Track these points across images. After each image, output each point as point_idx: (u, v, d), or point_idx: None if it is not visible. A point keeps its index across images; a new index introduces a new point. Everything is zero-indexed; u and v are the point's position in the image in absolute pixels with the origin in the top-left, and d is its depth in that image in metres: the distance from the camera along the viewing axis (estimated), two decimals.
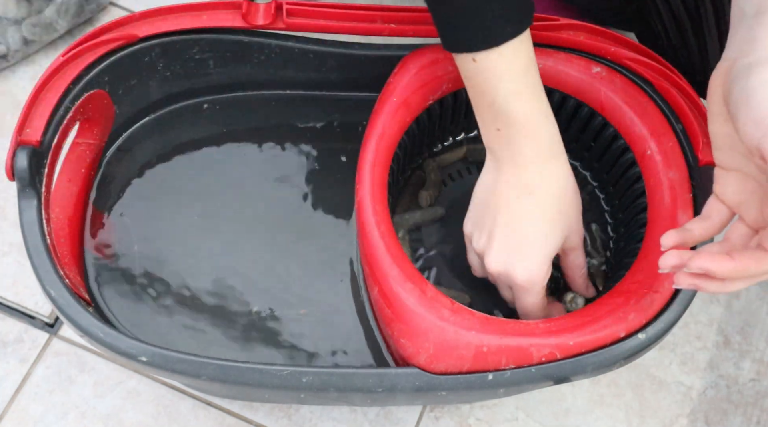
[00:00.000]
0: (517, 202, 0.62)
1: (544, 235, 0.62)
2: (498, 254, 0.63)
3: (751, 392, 0.85)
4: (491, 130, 0.62)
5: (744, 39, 0.50)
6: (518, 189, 0.62)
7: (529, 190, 0.62)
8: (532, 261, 0.62)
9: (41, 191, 0.62)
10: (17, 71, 0.94)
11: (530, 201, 0.62)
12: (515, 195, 0.62)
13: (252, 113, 0.78)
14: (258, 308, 0.71)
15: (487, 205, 0.64)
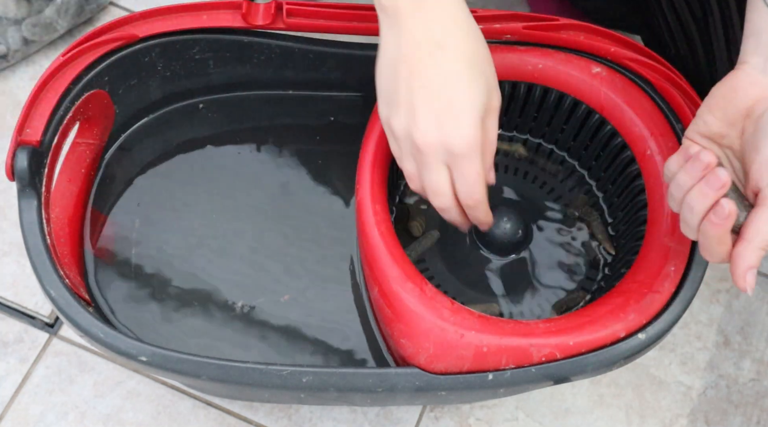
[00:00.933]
0: (430, 59, 0.55)
1: (470, 91, 0.55)
2: (426, 122, 0.55)
3: (751, 392, 0.85)
4: None
5: None
6: (427, 45, 0.55)
7: (439, 45, 0.55)
8: (466, 121, 0.55)
9: (41, 191, 0.62)
10: (17, 71, 0.94)
11: (444, 56, 0.55)
12: (426, 52, 0.55)
13: (252, 113, 0.78)
14: (258, 308, 0.71)
15: (396, 74, 0.55)
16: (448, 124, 0.55)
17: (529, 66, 0.69)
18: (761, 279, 0.90)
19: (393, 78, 0.56)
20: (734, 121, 0.54)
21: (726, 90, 0.54)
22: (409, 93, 0.55)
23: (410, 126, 0.56)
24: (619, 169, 0.70)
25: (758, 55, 0.53)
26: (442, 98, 0.55)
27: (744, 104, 0.53)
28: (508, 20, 0.68)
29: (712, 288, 0.89)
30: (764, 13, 0.53)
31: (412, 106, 0.55)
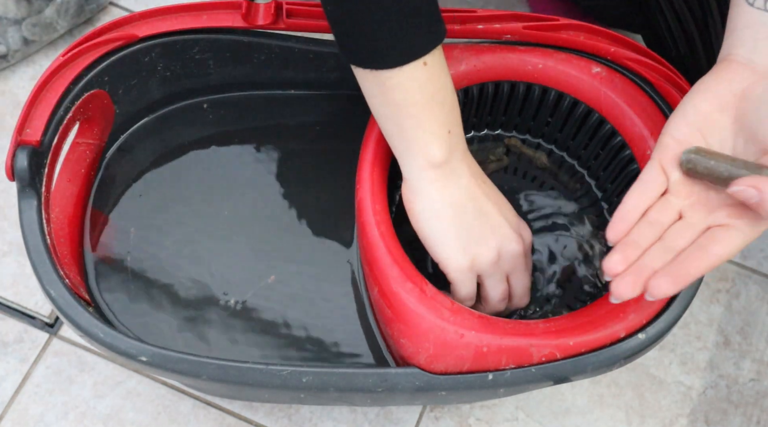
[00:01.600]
0: (487, 187, 0.63)
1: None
2: (514, 230, 0.63)
3: (751, 392, 0.85)
4: (443, 136, 0.59)
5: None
6: (480, 177, 0.63)
7: (480, 172, 0.64)
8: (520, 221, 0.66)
9: (41, 191, 0.62)
10: (17, 71, 0.94)
11: (486, 178, 0.64)
12: (482, 182, 0.63)
13: (252, 113, 0.78)
14: (258, 307, 0.71)
15: (468, 214, 0.61)
16: (522, 225, 0.65)
17: (529, 66, 0.69)
18: (761, 279, 0.90)
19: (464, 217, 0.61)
20: (726, 104, 0.55)
21: (716, 77, 0.55)
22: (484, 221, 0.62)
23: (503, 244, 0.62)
24: (619, 168, 0.70)
25: (742, 47, 0.55)
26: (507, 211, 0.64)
27: (738, 87, 0.54)
28: (508, 20, 0.68)
29: (712, 288, 0.89)
30: (745, 11, 0.55)
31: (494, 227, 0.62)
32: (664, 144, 0.55)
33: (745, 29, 0.55)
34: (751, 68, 0.54)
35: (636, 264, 0.52)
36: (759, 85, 0.54)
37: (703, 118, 0.55)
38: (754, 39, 0.55)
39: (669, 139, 0.55)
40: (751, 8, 0.55)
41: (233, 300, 0.72)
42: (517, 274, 0.65)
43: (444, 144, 0.59)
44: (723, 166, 0.52)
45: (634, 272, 0.52)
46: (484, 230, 0.62)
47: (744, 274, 0.90)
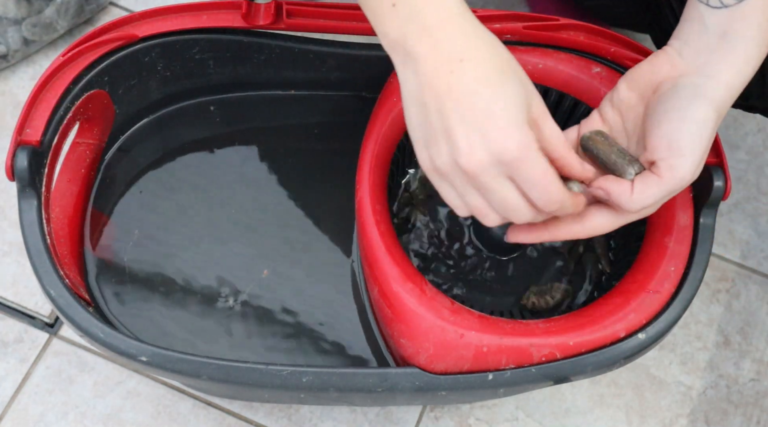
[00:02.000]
0: (453, 76, 0.50)
1: (505, 94, 0.50)
2: (467, 140, 0.50)
3: (751, 392, 0.85)
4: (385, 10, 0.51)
5: (701, 54, 0.55)
6: (447, 64, 0.50)
7: (459, 59, 0.50)
8: (510, 123, 0.49)
9: (41, 191, 0.62)
10: (17, 71, 0.94)
11: (467, 67, 0.50)
12: (447, 71, 0.50)
13: (252, 113, 0.78)
14: (258, 307, 0.71)
15: (424, 106, 0.51)
16: (491, 134, 0.49)
17: (529, 66, 0.69)
18: (761, 279, 0.90)
19: (421, 112, 0.51)
20: (644, 94, 0.57)
21: (646, 65, 0.57)
22: (442, 117, 0.50)
23: (453, 153, 0.50)
24: None
25: (678, 39, 0.57)
26: (476, 110, 0.49)
27: (656, 79, 0.56)
28: (508, 20, 0.68)
29: (712, 288, 0.89)
30: (693, 4, 0.56)
31: (450, 129, 0.50)
32: (592, 116, 0.59)
33: (687, 21, 0.57)
34: (673, 63, 0.56)
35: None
36: (667, 83, 0.56)
37: (624, 103, 0.58)
38: (689, 33, 0.56)
39: (596, 114, 0.59)
40: (697, 2, 0.56)
41: (233, 300, 0.72)
42: (485, 192, 0.52)
43: (387, 21, 0.51)
44: (604, 157, 0.56)
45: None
46: (438, 130, 0.51)
47: (744, 274, 0.90)
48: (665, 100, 0.55)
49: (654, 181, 0.53)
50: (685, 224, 0.62)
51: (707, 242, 0.62)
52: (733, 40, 0.54)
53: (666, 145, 0.53)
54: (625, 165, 0.54)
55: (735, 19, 0.54)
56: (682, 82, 0.55)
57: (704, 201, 0.62)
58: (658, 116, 0.54)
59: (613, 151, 0.55)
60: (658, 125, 0.54)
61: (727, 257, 0.90)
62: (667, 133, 0.53)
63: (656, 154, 0.53)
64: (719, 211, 0.89)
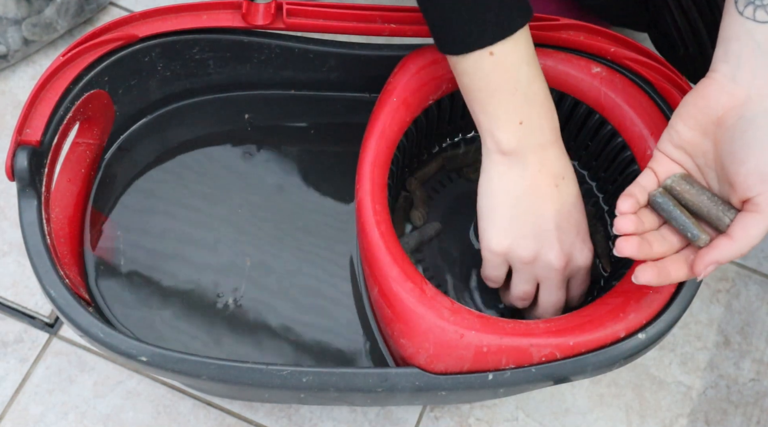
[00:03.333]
0: (556, 191, 0.62)
1: (584, 214, 0.64)
2: (561, 245, 0.62)
3: (751, 392, 0.85)
4: (511, 126, 0.60)
5: (758, 76, 0.53)
6: (553, 178, 0.62)
7: (561, 175, 0.62)
8: (588, 241, 0.64)
9: (41, 191, 0.62)
10: (17, 71, 0.94)
11: (566, 185, 0.62)
12: (552, 184, 0.62)
13: (252, 113, 0.78)
14: (258, 307, 0.71)
15: (522, 206, 0.62)
16: (578, 245, 0.63)
17: None
18: (761, 279, 0.90)
19: (516, 210, 0.61)
20: (706, 130, 0.55)
21: (697, 98, 0.55)
22: (542, 221, 0.61)
23: (544, 251, 0.62)
24: (619, 170, 0.70)
25: (726, 62, 0.54)
26: (572, 222, 0.62)
27: (715, 113, 0.54)
28: None
29: (712, 288, 0.89)
30: (735, 21, 0.53)
31: (546, 232, 0.61)
32: (657, 158, 0.58)
33: (732, 41, 0.54)
34: (729, 91, 0.54)
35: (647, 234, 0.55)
36: (733, 114, 0.53)
37: (686, 142, 0.56)
38: (739, 54, 0.53)
39: (661, 154, 0.57)
40: (740, 17, 0.53)
41: (233, 300, 0.72)
42: (547, 286, 0.64)
43: (510, 133, 0.60)
44: (696, 204, 0.54)
45: (643, 237, 0.54)
46: (531, 228, 0.62)
47: (744, 274, 0.90)
48: (739, 134, 0.52)
49: (755, 218, 0.52)
50: None
51: None
52: None
53: (759, 179, 0.51)
54: (720, 213, 0.53)
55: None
56: (750, 112, 0.53)
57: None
58: (738, 152, 0.52)
59: (705, 196, 0.54)
60: (741, 162, 0.52)
61: None
62: (757, 167, 0.51)
63: (751, 190, 0.51)
64: None
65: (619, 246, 0.54)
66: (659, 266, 0.54)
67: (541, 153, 0.61)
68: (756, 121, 0.52)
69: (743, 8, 0.53)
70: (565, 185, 0.62)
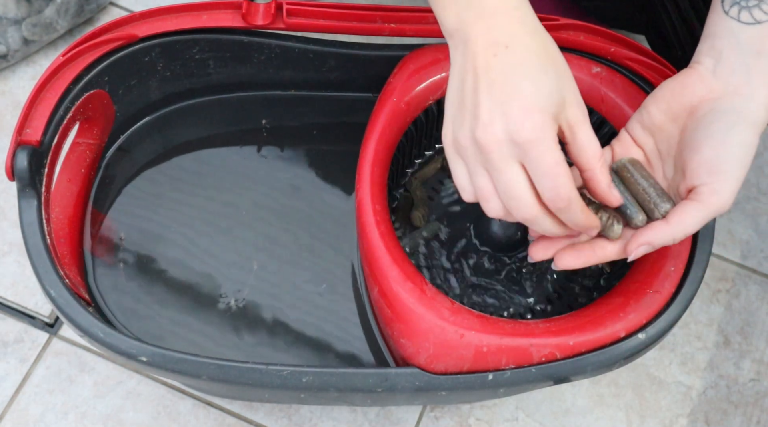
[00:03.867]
0: (495, 59, 0.51)
1: (537, 82, 0.50)
2: (489, 115, 0.50)
3: (751, 392, 0.85)
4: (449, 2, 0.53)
5: (736, 73, 0.54)
6: (492, 47, 0.51)
7: (504, 44, 0.51)
8: (534, 106, 0.49)
9: (41, 191, 0.62)
10: (17, 71, 0.94)
11: (509, 54, 0.51)
12: (492, 53, 0.51)
13: (252, 113, 0.78)
14: (258, 307, 0.71)
15: (462, 85, 0.52)
16: (512, 112, 0.49)
17: None
18: (761, 279, 0.90)
19: (458, 89, 0.52)
20: (677, 115, 0.56)
21: (676, 85, 0.56)
22: (473, 95, 0.51)
23: (473, 127, 0.51)
24: None
25: (710, 57, 0.55)
26: (506, 89, 0.50)
27: (690, 101, 0.55)
28: None
29: (712, 288, 0.89)
30: (720, 19, 0.55)
31: (475, 106, 0.51)
32: (621, 137, 0.58)
33: (716, 38, 0.55)
34: (708, 83, 0.55)
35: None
36: (707, 104, 0.54)
37: (655, 125, 0.56)
38: (721, 51, 0.55)
39: (626, 135, 0.58)
40: (725, 17, 0.54)
41: (233, 300, 0.72)
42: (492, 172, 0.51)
43: (450, 9, 0.53)
44: (637, 187, 0.55)
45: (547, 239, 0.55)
46: (467, 108, 0.52)
47: (744, 274, 0.90)
48: (705, 125, 0.53)
49: (694, 207, 0.53)
50: None
51: (707, 242, 0.62)
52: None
53: (707, 170, 0.52)
54: (659, 202, 0.54)
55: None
56: (721, 106, 0.54)
57: None
58: (698, 141, 0.53)
59: (650, 183, 0.55)
60: (698, 150, 0.53)
61: (727, 257, 0.90)
62: (710, 158, 0.52)
63: (697, 179, 0.52)
64: None
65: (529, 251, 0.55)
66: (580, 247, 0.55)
67: (484, 22, 0.52)
68: (725, 116, 0.53)
69: (729, 8, 0.54)
70: (506, 53, 0.51)
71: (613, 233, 0.54)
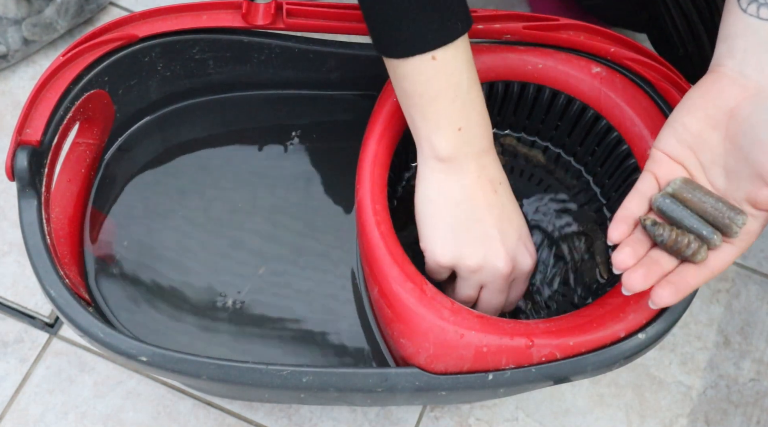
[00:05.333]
0: (495, 196, 0.61)
1: (523, 218, 0.64)
2: (507, 251, 0.61)
3: (751, 392, 0.85)
4: (450, 132, 0.59)
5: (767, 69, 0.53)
6: (491, 184, 0.61)
7: (498, 181, 0.62)
8: (530, 244, 0.64)
9: (41, 191, 0.62)
10: (17, 71, 0.94)
11: (504, 190, 0.62)
12: (491, 190, 0.61)
13: (252, 113, 0.78)
14: (258, 307, 0.71)
15: (463, 214, 0.61)
16: (522, 249, 0.63)
17: (529, 66, 0.69)
18: (761, 279, 0.90)
19: (456, 219, 0.61)
20: (717, 122, 0.54)
21: (705, 92, 0.55)
22: (484, 227, 0.61)
23: (490, 258, 0.61)
24: (616, 163, 0.70)
25: (732, 58, 0.54)
26: (513, 226, 0.62)
27: (727, 105, 0.54)
28: (508, 20, 0.68)
29: (712, 288, 0.89)
30: (738, 18, 0.54)
31: (489, 239, 0.61)
32: (656, 158, 0.56)
33: (737, 38, 0.54)
34: (740, 84, 0.54)
35: (646, 258, 0.53)
36: (748, 104, 0.53)
37: (693, 136, 0.55)
38: (745, 50, 0.54)
39: (660, 154, 0.56)
40: (744, 14, 0.54)
41: (233, 300, 0.72)
42: (491, 290, 0.63)
43: (449, 140, 0.59)
44: (704, 208, 0.53)
45: (645, 263, 0.53)
46: (475, 235, 0.61)
47: (744, 274, 0.90)
48: (759, 124, 0.52)
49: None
50: None
51: None
52: None
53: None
54: (733, 215, 0.52)
55: None
56: (766, 102, 0.53)
57: None
58: (763, 142, 0.52)
59: (716, 198, 0.53)
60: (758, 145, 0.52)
61: None
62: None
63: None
64: None
65: (626, 282, 0.52)
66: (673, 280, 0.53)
67: (479, 159, 0.61)
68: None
69: (747, 6, 0.53)
70: (503, 190, 0.62)
71: (701, 256, 0.53)
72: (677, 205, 0.53)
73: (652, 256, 0.53)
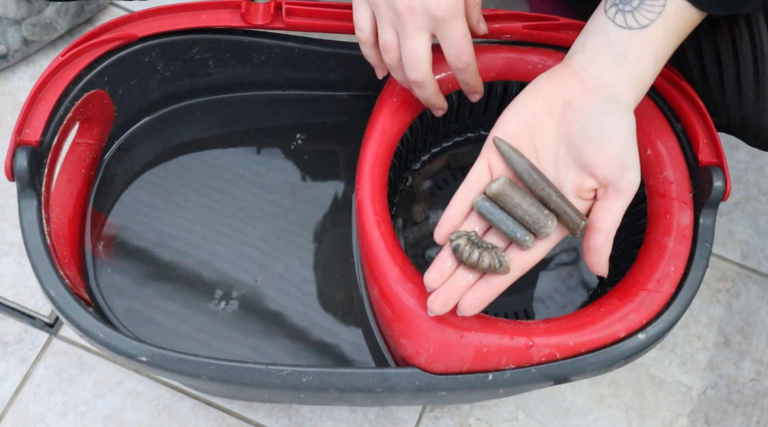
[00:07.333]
0: None
1: None
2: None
3: (751, 392, 0.85)
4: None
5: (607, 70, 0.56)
6: None
7: None
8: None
9: (41, 191, 0.62)
10: (17, 71, 0.94)
11: None
12: None
13: (252, 113, 0.78)
14: (258, 307, 0.71)
15: None
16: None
17: (529, 65, 0.69)
18: (761, 279, 0.90)
19: None
20: (554, 110, 0.56)
21: (551, 79, 0.57)
22: None
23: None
24: None
25: (582, 53, 0.57)
26: None
27: (567, 95, 0.56)
28: (508, 20, 0.68)
29: (712, 288, 0.89)
30: (599, 17, 0.57)
31: None
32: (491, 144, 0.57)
33: (591, 35, 0.57)
34: (582, 78, 0.56)
35: (448, 282, 0.55)
36: (584, 98, 0.55)
37: (533, 119, 0.56)
38: (594, 48, 0.56)
39: (498, 141, 0.57)
40: (604, 16, 0.56)
41: (233, 300, 0.72)
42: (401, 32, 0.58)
43: None
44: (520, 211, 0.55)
45: (445, 290, 0.55)
46: None
47: (744, 274, 0.90)
48: (595, 119, 0.54)
49: (614, 201, 0.55)
50: (684, 224, 0.62)
51: (707, 241, 0.62)
52: (634, 63, 0.55)
53: (618, 165, 0.54)
54: (542, 218, 0.54)
55: (636, 45, 0.55)
56: (601, 99, 0.55)
57: (704, 201, 0.62)
58: (595, 139, 0.54)
59: (529, 203, 0.55)
60: (602, 147, 0.54)
61: (727, 257, 0.90)
62: (617, 154, 0.54)
63: (612, 175, 0.54)
64: (719, 211, 0.89)
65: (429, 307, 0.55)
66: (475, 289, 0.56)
67: None
68: (607, 107, 0.55)
69: (608, 8, 0.56)
70: None
71: (504, 268, 0.55)
72: (495, 209, 0.55)
73: (455, 278, 0.55)
